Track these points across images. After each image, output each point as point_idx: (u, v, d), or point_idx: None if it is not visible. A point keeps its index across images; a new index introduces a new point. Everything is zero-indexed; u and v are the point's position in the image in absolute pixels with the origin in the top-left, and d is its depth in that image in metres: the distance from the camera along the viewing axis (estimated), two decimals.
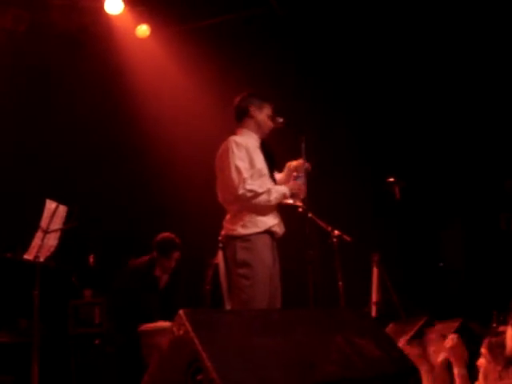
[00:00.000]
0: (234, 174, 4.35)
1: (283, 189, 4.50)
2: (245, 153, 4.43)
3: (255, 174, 4.43)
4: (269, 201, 4.39)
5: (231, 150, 4.42)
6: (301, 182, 4.55)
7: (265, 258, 4.39)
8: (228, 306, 4.38)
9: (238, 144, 4.45)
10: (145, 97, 8.18)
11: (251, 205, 4.38)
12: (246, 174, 4.35)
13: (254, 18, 7.95)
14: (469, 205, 7.79)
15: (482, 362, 3.30)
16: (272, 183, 4.56)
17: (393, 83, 7.76)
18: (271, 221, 4.47)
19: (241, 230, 4.39)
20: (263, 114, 4.64)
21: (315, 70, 7.97)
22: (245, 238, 4.37)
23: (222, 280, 4.44)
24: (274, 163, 4.63)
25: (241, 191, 4.33)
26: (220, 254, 4.46)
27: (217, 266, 4.53)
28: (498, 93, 7.39)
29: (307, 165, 4.61)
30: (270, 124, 4.64)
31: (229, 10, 7.86)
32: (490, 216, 7.41)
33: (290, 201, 4.54)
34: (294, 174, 4.59)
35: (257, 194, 4.35)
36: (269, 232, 4.45)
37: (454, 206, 7.95)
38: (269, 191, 4.39)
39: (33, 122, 7.82)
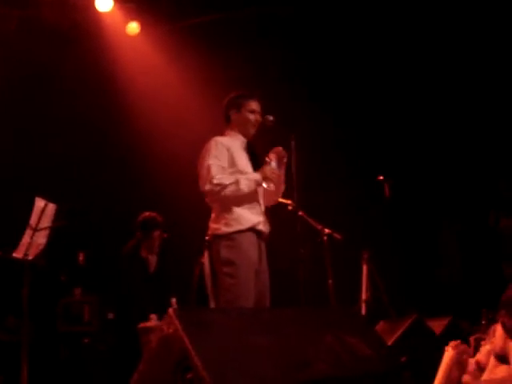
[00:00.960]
0: (204, 172, 4.38)
1: (254, 175, 4.44)
2: (225, 152, 4.44)
3: (236, 172, 4.43)
4: (238, 190, 4.34)
5: (209, 150, 4.45)
6: (274, 166, 4.50)
7: (250, 256, 4.37)
8: (212, 305, 4.38)
9: (217, 143, 4.48)
10: (135, 94, 8.15)
11: (229, 201, 4.38)
12: (214, 172, 4.34)
13: (245, 16, 7.94)
14: (458, 202, 7.82)
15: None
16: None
17: (385, 81, 7.78)
18: (255, 218, 4.46)
19: (224, 229, 4.38)
20: (243, 114, 4.61)
21: (306, 68, 7.98)
22: (229, 237, 4.36)
23: (206, 279, 4.44)
24: (259, 165, 4.61)
25: (207, 187, 4.34)
26: (206, 254, 4.45)
27: (203, 264, 4.53)
28: (493, 91, 7.42)
29: (283, 153, 4.57)
30: (252, 120, 4.59)
31: (219, 8, 7.84)
32: (480, 213, 7.44)
33: (264, 185, 4.45)
34: (267, 159, 4.53)
35: (224, 186, 4.33)
36: (253, 230, 4.43)
37: (444, 203, 7.98)
38: (237, 181, 4.34)
39: (22, 119, 7.79)
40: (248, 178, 4.42)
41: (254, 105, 4.65)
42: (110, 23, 7.85)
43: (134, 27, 7.96)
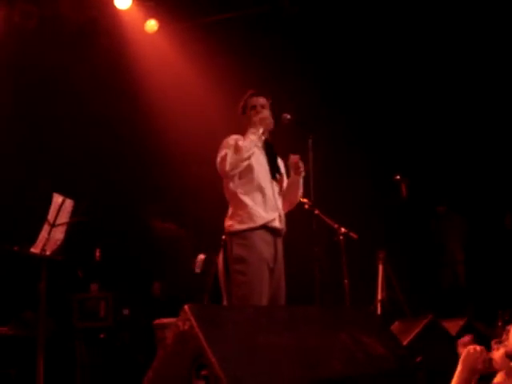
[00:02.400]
0: (219, 160, 4.40)
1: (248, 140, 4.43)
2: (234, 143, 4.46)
3: (252, 174, 4.45)
4: (240, 146, 4.34)
5: (224, 143, 4.48)
6: (266, 114, 4.48)
7: (262, 253, 4.36)
8: (225, 302, 4.39)
9: (231, 138, 4.49)
10: (153, 92, 8.17)
11: (245, 198, 4.41)
12: (222, 155, 4.37)
13: (264, 14, 7.94)
14: (475, 204, 7.78)
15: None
16: (271, 183, 4.55)
17: (402, 81, 7.75)
18: (269, 215, 4.44)
19: (237, 226, 4.39)
20: (246, 114, 4.60)
21: (324, 67, 7.97)
22: (241, 234, 4.36)
23: (219, 276, 4.44)
24: (276, 165, 4.60)
25: (218, 168, 4.38)
26: (221, 251, 4.46)
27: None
28: (507, 91, 7.38)
29: (298, 161, 4.53)
30: (254, 116, 4.54)
31: (238, 6, 7.84)
32: (495, 215, 7.41)
33: (261, 130, 4.44)
34: (258, 108, 4.53)
35: (225, 156, 4.34)
36: (267, 227, 4.43)
37: (460, 204, 7.95)
38: (235, 143, 4.36)
39: (40, 117, 7.84)
40: (244, 142, 4.40)
41: (255, 100, 4.62)
42: (128, 21, 7.89)
43: (152, 25, 7.98)
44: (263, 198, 4.47)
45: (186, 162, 7.98)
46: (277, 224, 4.49)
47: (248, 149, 4.36)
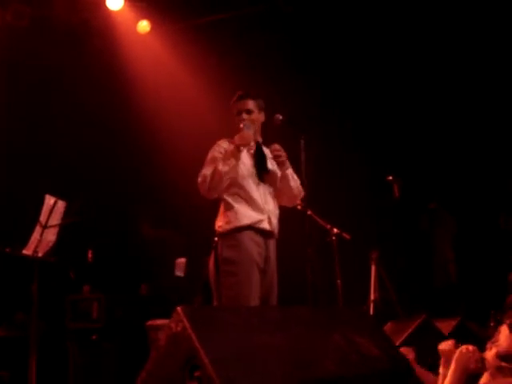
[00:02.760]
0: (200, 179, 4.43)
1: (229, 149, 4.46)
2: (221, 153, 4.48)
3: (238, 179, 4.46)
4: (218, 171, 4.34)
5: (209, 156, 4.53)
6: (247, 131, 4.44)
7: (251, 254, 4.36)
8: (215, 303, 4.39)
9: (217, 150, 4.52)
10: (145, 92, 8.17)
11: (223, 193, 4.43)
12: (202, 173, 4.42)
13: (256, 15, 7.94)
14: (468, 203, 7.80)
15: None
16: (257, 185, 4.54)
17: (394, 81, 7.76)
18: (255, 216, 4.45)
19: (225, 226, 4.41)
20: (233, 120, 4.60)
21: (316, 68, 7.97)
22: (230, 235, 4.38)
23: (210, 277, 4.44)
24: (264, 166, 4.59)
25: (199, 184, 4.41)
26: (212, 253, 4.46)
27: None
28: (505, 91, 7.40)
29: (280, 151, 4.52)
30: (239, 121, 4.53)
31: (230, 7, 7.84)
32: (489, 215, 7.42)
33: (243, 149, 4.45)
34: (241, 125, 4.49)
35: (206, 175, 4.37)
36: (254, 228, 4.43)
37: (452, 204, 7.97)
38: (215, 168, 4.36)
39: (32, 118, 7.82)
40: (224, 158, 4.41)
41: (241, 105, 4.60)
42: (120, 21, 7.88)
43: (144, 25, 7.97)
44: (250, 201, 4.47)
45: (179, 162, 7.97)
46: (265, 225, 4.48)
47: (231, 165, 4.36)
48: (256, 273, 4.35)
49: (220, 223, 4.46)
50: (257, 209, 4.48)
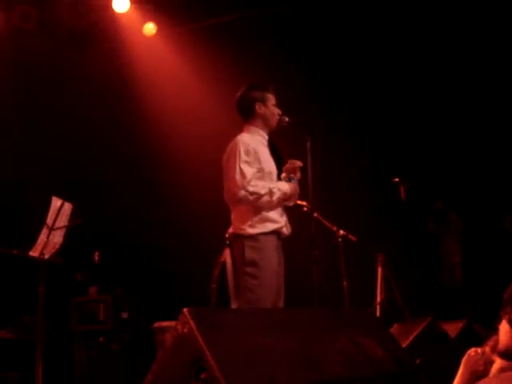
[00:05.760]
0: (238, 176, 4.31)
1: (285, 188, 4.44)
2: (253, 157, 4.38)
3: (266, 177, 4.43)
4: (271, 201, 4.34)
5: (238, 153, 4.37)
6: (295, 183, 4.51)
7: (272, 258, 4.37)
8: (234, 305, 4.37)
9: (245, 146, 4.40)
10: (151, 95, 8.18)
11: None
12: (249, 177, 4.31)
13: (261, 17, 7.94)
14: (474, 205, 7.78)
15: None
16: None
17: (401, 82, 7.75)
18: (279, 221, 4.45)
19: (249, 230, 4.36)
20: (269, 107, 4.57)
21: (322, 69, 7.96)
22: (253, 238, 4.35)
23: (229, 278, 4.42)
24: (281, 164, 4.60)
25: (242, 193, 4.29)
26: (227, 252, 4.44)
27: (223, 264, 4.52)
28: (506, 90, 7.39)
29: (298, 163, 4.54)
30: (276, 113, 4.57)
31: (236, 9, 7.85)
32: (495, 217, 7.40)
33: (290, 203, 4.53)
34: (283, 175, 4.51)
35: (259, 196, 4.31)
36: (276, 233, 4.44)
37: (459, 205, 7.95)
38: (270, 192, 4.33)
39: (38, 120, 7.84)
40: (280, 189, 4.40)
41: (274, 96, 4.62)
42: (126, 24, 7.89)
43: (150, 28, 7.99)
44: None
45: (184, 163, 7.98)
46: (285, 230, 4.52)
47: (280, 202, 4.40)
48: (275, 277, 4.37)
49: (242, 225, 4.39)
50: (280, 213, 4.49)
